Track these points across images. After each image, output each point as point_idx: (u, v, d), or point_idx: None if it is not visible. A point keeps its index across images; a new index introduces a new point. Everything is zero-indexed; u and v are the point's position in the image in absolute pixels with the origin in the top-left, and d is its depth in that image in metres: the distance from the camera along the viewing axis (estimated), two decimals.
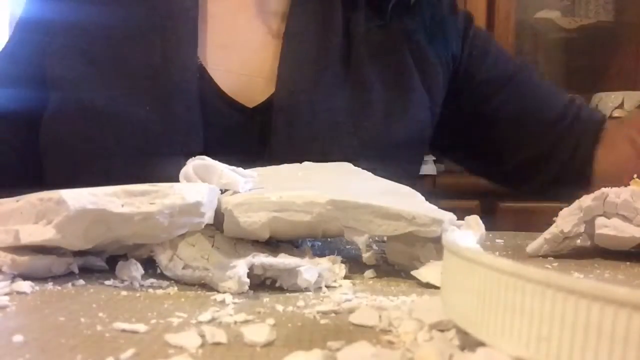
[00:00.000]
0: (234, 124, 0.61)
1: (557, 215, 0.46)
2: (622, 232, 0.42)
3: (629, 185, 0.45)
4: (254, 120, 0.61)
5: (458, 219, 0.37)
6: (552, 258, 0.45)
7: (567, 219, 0.44)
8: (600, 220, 0.43)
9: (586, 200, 0.44)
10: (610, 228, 0.43)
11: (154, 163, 0.55)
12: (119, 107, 0.59)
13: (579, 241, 0.48)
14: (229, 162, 0.41)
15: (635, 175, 0.45)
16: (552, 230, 0.44)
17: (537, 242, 0.45)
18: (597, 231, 0.43)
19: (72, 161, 0.62)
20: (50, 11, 0.64)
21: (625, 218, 0.43)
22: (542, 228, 0.47)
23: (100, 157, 0.59)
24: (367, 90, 0.63)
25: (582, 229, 0.44)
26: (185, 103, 0.59)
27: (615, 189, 0.43)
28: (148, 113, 0.58)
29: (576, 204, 0.45)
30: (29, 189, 0.37)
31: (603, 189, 0.44)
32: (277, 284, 0.33)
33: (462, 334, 0.22)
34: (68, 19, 0.63)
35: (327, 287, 0.34)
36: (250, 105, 0.61)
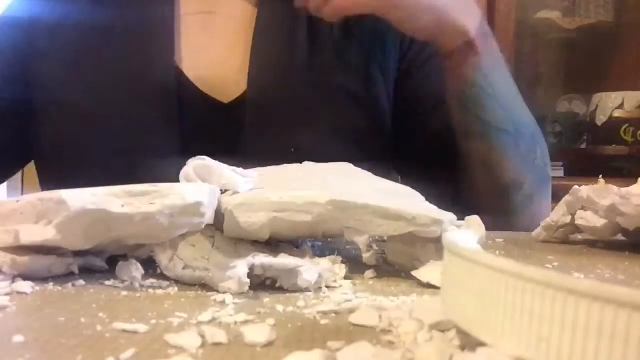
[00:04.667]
0: (209, 119, 0.63)
1: None
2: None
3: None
4: (229, 115, 0.63)
5: (458, 219, 0.38)
6: (552, 257, 0.45)
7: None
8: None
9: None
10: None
11: (133, 162, 0.58)
12: (99, 108, 0.61)
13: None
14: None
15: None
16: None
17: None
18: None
19: (59, 161, 0.63)
20: (31, 13, 0.65)
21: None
22: None
23: (83, 157, 0.62)
24: (332, 78, 0.65)
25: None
26: (162, 102, 0.62)
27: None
28: (126, 112, 0.61)
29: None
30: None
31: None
32: (277, 284, 0.33)
33: (462, 334, 0.22)
34: (49, 22, 0.64)
35: (327, 287, 0.34)
36: (226, 100, 0.64)
